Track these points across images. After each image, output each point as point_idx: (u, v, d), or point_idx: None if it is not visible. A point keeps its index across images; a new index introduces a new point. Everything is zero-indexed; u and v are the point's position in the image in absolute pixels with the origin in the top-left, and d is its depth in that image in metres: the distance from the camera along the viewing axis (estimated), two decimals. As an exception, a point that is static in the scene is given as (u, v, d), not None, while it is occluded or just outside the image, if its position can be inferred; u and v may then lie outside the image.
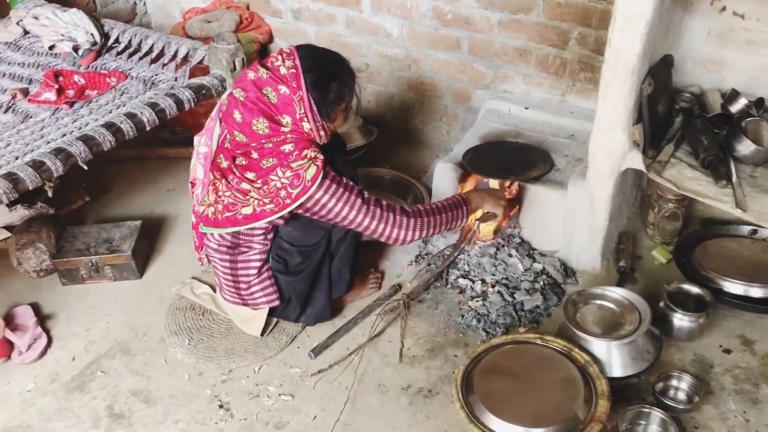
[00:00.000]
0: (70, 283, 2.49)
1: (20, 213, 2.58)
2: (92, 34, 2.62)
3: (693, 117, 2.22)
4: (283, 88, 1.86)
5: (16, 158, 2.07)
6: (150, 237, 2.69)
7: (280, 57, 1.91)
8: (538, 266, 2.43)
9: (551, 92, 2.80)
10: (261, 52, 3.42)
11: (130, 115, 2.20)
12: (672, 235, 2.56)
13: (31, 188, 1.98)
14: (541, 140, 2.67)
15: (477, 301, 2.34)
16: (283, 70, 1.87)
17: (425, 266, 2.51)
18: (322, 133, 1.94)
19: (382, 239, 2.03)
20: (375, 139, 3.07)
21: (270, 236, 2.08)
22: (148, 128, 2.25)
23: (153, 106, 2.25)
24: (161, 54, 2.59)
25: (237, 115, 1.89)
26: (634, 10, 1.92)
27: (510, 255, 2.45)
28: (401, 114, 3.26)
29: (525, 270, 2.41)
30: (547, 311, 2.31)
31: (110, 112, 2.29)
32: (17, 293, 2.47)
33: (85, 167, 2.13)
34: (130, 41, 2.68)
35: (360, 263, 2.33)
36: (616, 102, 2.09)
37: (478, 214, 2.31)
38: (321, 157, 1.91)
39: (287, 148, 1.89)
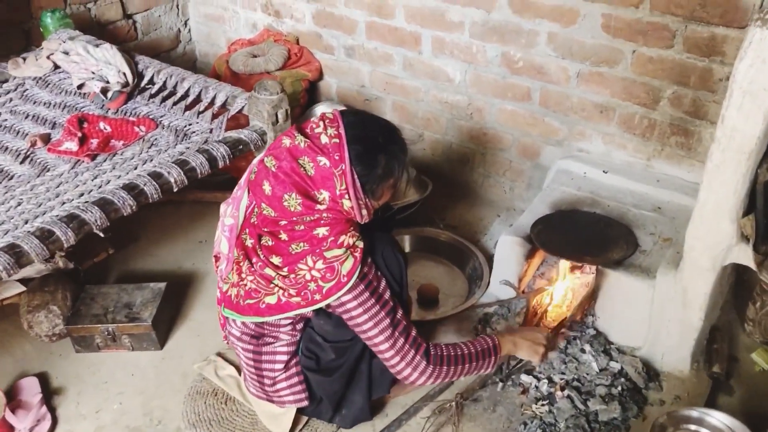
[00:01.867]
0: (85, 350, 2.24)
1: (37, 267, 2.34)
2: (124, 74, 2.38)
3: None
4: (323, 160, 1.56)
5: (26, 222, 1.82)
6: (175, 298, 2.43)
7: (321, 123, 1.61)
8: (615, 366, 2.07)
9: (635, 155, 2.45)
10: (309, 91, 3.15)
11: (156, 175, 1.94)
12: (777, 336, 2.18)
13: (36, 261, 1.73)
14: (622, 212, 2.32)
15: (543, 405, 2.00)
16: (324, 139, 1.57)
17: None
18: (364, 212, 1.64)
19: (392, 371, 1.73)
20: (430, 193, 2.76)
21: (299, 327, 1.79)
22: (175, 189, 1.98)
23: (182, 164, 1.99)
24: (197, 100, 2.33)
25: (267, 187, 1.61)
26: (757, 85, 1.57)
27: (583, 350, 2.11)
28: (460, 166, 2.94)
29: (600, 370, 2.06)
30: (625, 424, 1.95)
31: (135, 169, 2.03)
32: (26, 359, 2.23)
33: (101, 234, 1.87)
34: (165, 83, 2.43)
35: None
36: (726, 188, 1.73)
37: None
38: (361, 245, 1.61)
39: (321, 232, 1.60)
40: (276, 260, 1.63)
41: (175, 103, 2.33)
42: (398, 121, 3.02)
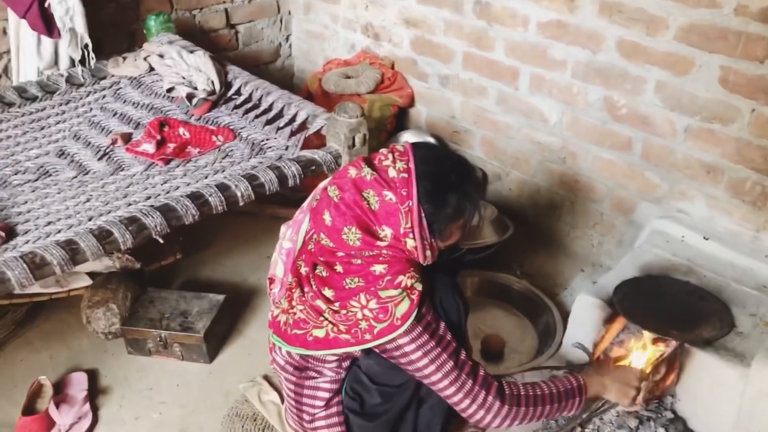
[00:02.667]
0: (137, 353, 2.22)
1: (105, 263, 2.35)
2: (212, 82, 2.37)
3: None
4: (390, 195, 1.45)
5: (90, 219, 1.82)
6: (233, 312, 2.38)
7: (390, 155, 1.50)
8: (691, 458, 1.84)
9: (742, 225, 2.20)
10: (399, 117, 3.07)
11: (223, 187, 1.89)
12: None
13: (91, 260, 1.71)
14: (720, 286, 2.08)
15: (602, 488, 1.80)
16: (392, 173, 1.47)
17: (544, 424, 2.00)
18: (428, 253, 1.51)
19: (463, 415, 1.58)
20: (510, 237, 2.60)
21: (345, 365, 1.68)
22: (241, 203, 1.93)
23: (251, 179, 1.93)
24: (279, 115, 2.28)
25: (327, 218, 1.51)
26: None
27: (656, 435, 1.88)
28: (546, 212, 2.76)
29: (673, 461, 1.83)
30: None
31: (205, 178, 2.00)
32: (81, 352, 2.24)
33: (161, 240, 1.84)
34: (251, 95, 2.41)
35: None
36: None
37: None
38: (419, 289, 1.48)
39: (378, 269, 1.48)
40: (328, 293, 1.53)
41: (257, 116, 2.29)
42: (486, 157, 2.88)
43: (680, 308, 1.99)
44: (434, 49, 2.88)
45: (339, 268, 1.52)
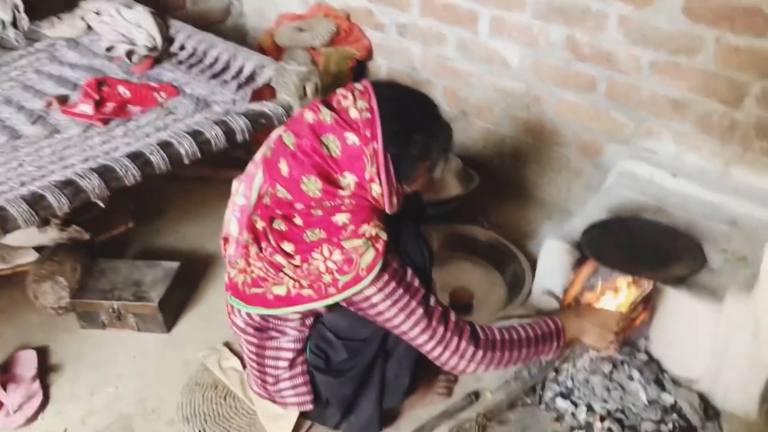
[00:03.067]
0: (90, 327, 2.11)
1: (51, 235, 2.23)
2: (154, 38, 2.23)
3: None
4: (352, 137, 1.34)
5: (22, 184, 1.69)
6: (190, 280, 2.28)
7: (350, 95, 1.38)
8: (668, 399, 1.79)
9: (711, 160, 2.14)
10: (357, 71, 2.94)
11: (165, 145, 1.78)
12: None
13: (24, 227, 1.59)
14: (690, 223, 2.02)
15: (578, 436, 1.75)
16: (353, 113, 1.35)
17: (516, 372, 1.94)
18: (394, 199, 1.42)
19: (437, 362, 1.51)
20: (476, 188, 2.52)
21: (309, 322, 1.59)
22: (186, 161, 1.81)
23: (195, 135, 1.82)
24: (225, 68, 2.16)
25: (283, 167, 1.40)
26: None
27: (630, 377, 1.83)
28: (512, 161, 2.68)
29: (649, 402, 1.78)
30: (674, 469, 1.67)
31: (147, 137, 1.87)
32: (30, 330, 2.12)
33: (101, 204, 1.72)
34: (195, 49, 2.27)
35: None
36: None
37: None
38: (384, 237, 1.39)
39: (341, 219, 1.39)
40: (288, 247, 1.43)
41: (201, 71, 2.16)
42: (449, 108, 2.78)
43: (651, 248, 1.93)
44: (389, -4, 2.75)
45: (298, 220, 1.42)
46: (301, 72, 1.92)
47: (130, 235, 2.46)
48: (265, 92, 2.06)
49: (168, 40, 2.31)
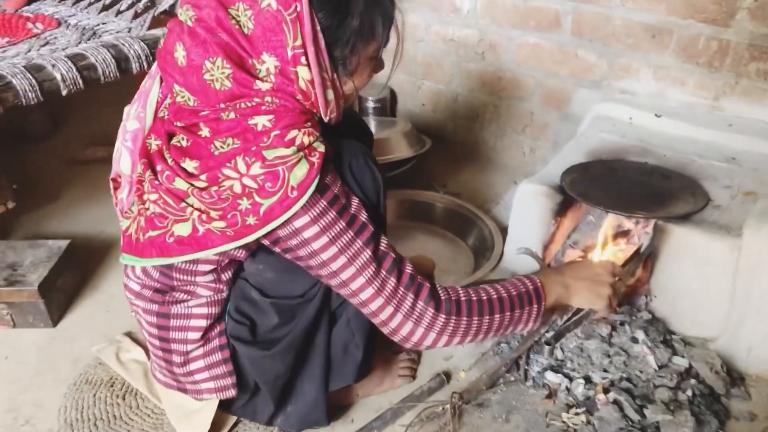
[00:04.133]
0: (-49, 324, 1.65)
1: None
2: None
3: None
4: (267, 0, 0.98)
5: None
6: (85, 264, 1.85)
7: None
8: (681, 362, 1.45)
9: (698, 94, 1.86)
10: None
11: (35, 68, 1.36)
12: None
13: None
14: (682, 163, 1.73)
15: (578, 414, 1.38)
16: None
17: (493, 345, 1.57)
18: (330, 95, 1.05)
19: (384, 330, 1.14)
20: (427, 151, 2.17)
21: (226, 277, 1.19)
22: (64, 91, 1.40)
23: (77, 59, 1.41)
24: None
25: (180, 54, 1.02)
26: None
27: (634, 339, 1.49)
28: (467, 123, 2.36)
29: (659, 367, 1.44)
30: (700, 445, 1.32)
31: (14, 67, 1.45)
32: None
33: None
34: (84, -19, 1.88)
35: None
36: None
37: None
38: (321, 149, 1.02)
39: (261, 122, 1.01)
40: (190, 165, 1.03)
41: (90, 4, 1.77)
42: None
43: (642, 189, 1.63)
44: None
45: (204, 131, 1.03)
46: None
47: (15, 220, 2.02)
48: (169, 20, 1.68)
49: (52, -24, 1.91)
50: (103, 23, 1.67)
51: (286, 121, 1.01)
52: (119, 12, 1.70)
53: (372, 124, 2.23)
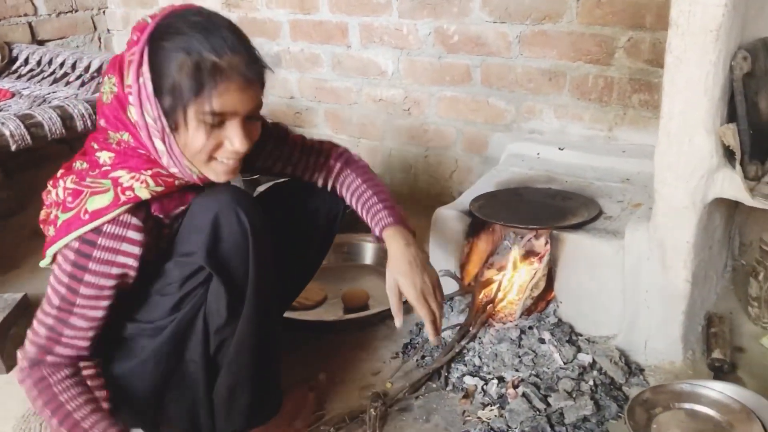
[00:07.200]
0: None
1: None
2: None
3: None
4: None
5: None
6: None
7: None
8: (585, 358, 1.58)
9: (594, 126, 2.07)
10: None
11: (-16, 126, 1.54)
12: (790, 314, 1.71)
13: None
14: (582, 186, 1.91)
15: (491, 410, 1.50)
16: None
17: (418, 359, 1.69)
18: (160, 145, 1.11)
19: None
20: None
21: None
22: (13, 146, 1.58)
23: (25, 118, 1.60)
24: (71, 71, 1.98)
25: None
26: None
27: (541, 340, 1.62)
28: (401, 176, 2.55)
29: (565, 363, 1.57)
30: (601, 426, 1.43)
31: (-33, 128, 1.64)
32: None
33: None
34: (39, 61, 2.10)
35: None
36: (694, 87, 1.35)
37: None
38: (143, 196, 1.10)
39: (104, 157, 1.14)
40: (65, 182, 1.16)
41: (43, 78, 1.98)
42: (333, 132, 2.67)
43: (544, 209, 1.80)
44: (260, 26, 2.69)
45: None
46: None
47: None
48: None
49: (11, 60, 2.12)
50: (54, 92, 1.87)
51: (125, 163, 1.12)
52: (68, 83, 1.91)
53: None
